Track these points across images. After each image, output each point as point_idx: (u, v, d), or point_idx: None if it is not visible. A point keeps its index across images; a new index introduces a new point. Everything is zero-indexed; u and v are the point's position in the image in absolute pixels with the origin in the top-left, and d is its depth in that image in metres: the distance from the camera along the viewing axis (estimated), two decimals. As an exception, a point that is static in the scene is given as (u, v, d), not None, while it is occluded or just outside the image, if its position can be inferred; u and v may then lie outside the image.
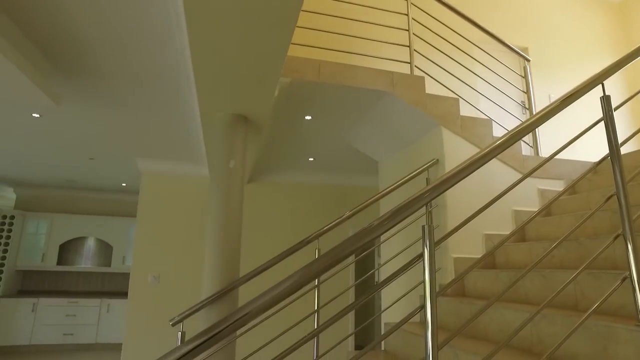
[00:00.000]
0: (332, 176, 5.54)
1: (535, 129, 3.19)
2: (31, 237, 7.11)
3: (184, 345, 1.27)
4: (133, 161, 5.06)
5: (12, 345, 6.42)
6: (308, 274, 1.43)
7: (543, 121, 1.61)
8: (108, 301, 6.80)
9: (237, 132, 2.72)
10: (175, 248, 4.99)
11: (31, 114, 3.59)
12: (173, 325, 2.38)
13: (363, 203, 2.94)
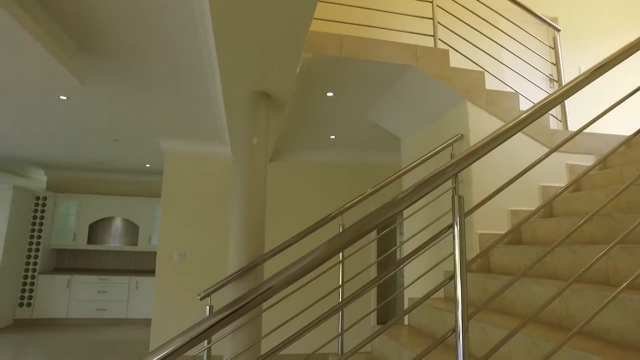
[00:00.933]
0: (353, 154, 5.51)
1: (564, 101, 3.09)
2: (62, 218, 7.38)
3: (212, 317, 1.30)
4: (156, 142, 5.14)
5: (51, 318, 6.77)
6: (333, 247, 1.44)
7: (572, 93, 1.55)
8: (136, 278, 7.04)
9: (260, 110, 2.72)
10: (199, 226, 5.10)
11: (59, 96, 3.67)
12: (201, 299, 2.45)
13: (385, 180, 2.93)
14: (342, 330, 2.61)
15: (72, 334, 6.16)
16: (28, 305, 6.77)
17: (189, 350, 1.31)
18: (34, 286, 6.83)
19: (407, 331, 2.58)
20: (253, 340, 2.51)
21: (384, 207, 1.40)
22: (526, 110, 1.47)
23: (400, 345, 2.19)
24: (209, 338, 2.33)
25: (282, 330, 2.33)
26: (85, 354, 5.13)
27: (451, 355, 1.93)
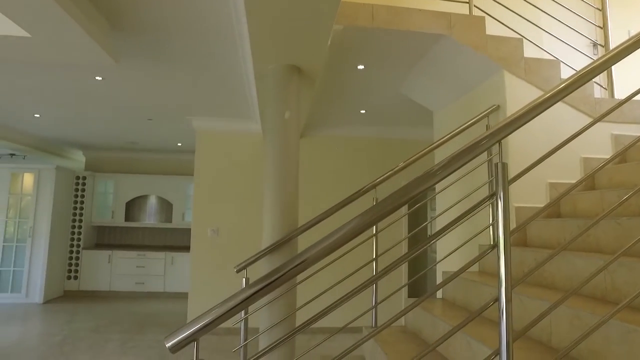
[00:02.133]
0: (384, 129, 5.44)
1: (610, 68, 2.92)
2: (101, 196, 7.70)
3: (248, 288, 1.33)
4: (188, 120, 5.22)
5: (96, 290, 7.16)
6: (367, 219, 1.43)
7: (620, 58, 1.45)
8: (172, 254, 7.30)
9: (290, 84, 2.70)
10: (231, 202, 5.20)
11: (94, 76, 3.77)
12: (237, 271, 2.52)
13: (418, 153, 2.88)
14: (376, 303, 2.63)
15: (115, 305, 6.50)
16: (75, 278, 7.17)
17: (227, 320, 1.35)
18: (79, 261, 7.21)
19: (441, 304, 2.58)
20: (288, 312, 2.57)
21: (421, 178, 1.38)
22: (568, 77, 1.39)
23: (435, 318, 2.19)
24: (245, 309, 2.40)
25: (315, 302, 2.37)
26: (129, 323, 5.41)
27: (488, 327, 1.92)
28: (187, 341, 1.10)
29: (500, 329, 1.10)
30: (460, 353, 1.87)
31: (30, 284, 6.49)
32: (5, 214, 6.63)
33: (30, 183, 6.73)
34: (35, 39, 2.41)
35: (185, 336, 1.11)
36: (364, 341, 1.50)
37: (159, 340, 4.65)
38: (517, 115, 1.28)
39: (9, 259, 6.55)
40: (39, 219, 6.63)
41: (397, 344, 2.30)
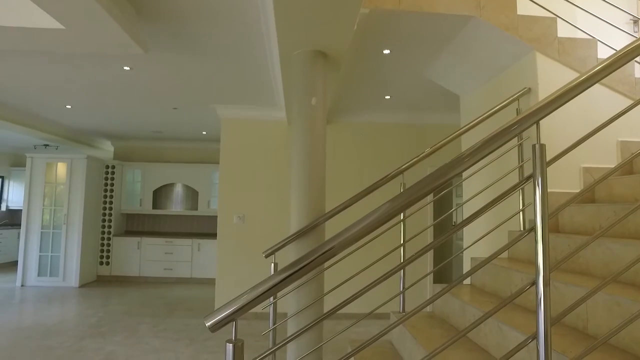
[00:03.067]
0: (409, 114, 5.36)
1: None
2: (129, 185, 7.91)
3: (276, 275, 1.34)
4: (212, 108, 5.27)
5: (126, 276, 7.41)
6: (396, 206, 1.43)
7: None
8: (198, 241, 7.46)
9: (317, 69, 2.69)
10: (256, 189, 5.26)
11: (122, 67, 3.84)
12: (266, 256, 2.56)
13: (445, 139, 2.83)
14: (404, 288, 2.63)
15: (145, 289, 6.71)
16: (107, 263, 7.43)
17: (259, 304, 1.37)
18: (110, 247, 7.46)
19: (469, 290, 2.56)
20: (315, 297, 2.60)
21: (451, 163, 1.36)
22: (609, 57, 1.33)
23: (464, 303, 2.17)
24: (274, 294, 2.44)
25: (341, 287, 2.39)
26: (159, 307, 5.59)
27: (518, 313, 1.90)
28: (227, 321, 1.13)
29: (538, 314, 1.09)
30: (490, 338, 1.86)
31: (67, 269, 6.77)
32: (42, 202, 6.90)
33: (63, 172, 6.97)
34: (69, 31, 2.47)
35: (224, 316, 1.14)
36: (395, 325, 1.50)
37: (188, 324, 4.79)
38: (557, 95, 1.24)
39: (46, 245, 6.84)
40: (72, 206, 6.88)
41: (425, 329, 2.30)
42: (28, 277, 6.77)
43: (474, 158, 1.29)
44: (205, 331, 4.54)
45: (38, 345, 3.98)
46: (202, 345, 4.06)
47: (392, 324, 1.50)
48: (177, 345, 4.03)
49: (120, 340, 4.14)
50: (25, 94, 4.91)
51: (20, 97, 5.06)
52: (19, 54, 3.59)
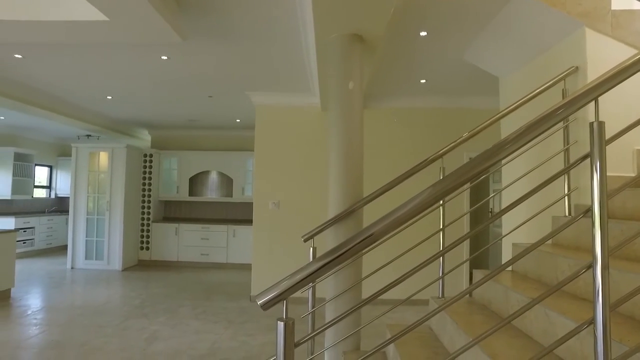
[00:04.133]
0: (445, 98, 5.23)
1: None
2: (166, 172, 8.16)
3: (317, 261, 1.34)
4: (247, 96, 5.32)
5: (165, 260, 7.70)
6: (438, 192, 1.40)
7: None
8: (233, 227, 7.63)
9: (353, 53, 2.66)
10: (291, 175, 5.31)
11: (160, 56, 3.93)
12: (305, 241, 2.59)
13: (484, 123, 2.75)
14: (444, 274, 2.61)
15: (183, 274, 6.95)
16: (147, 249, 7.73)
17: (297, 291, 1.38)
18: (150, 233, 7.75)
19: (510, 276, 2.50)
20: (353, 281, 2.61)
21: (496, 147, 1.32)
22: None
23: (507, 289, 2.13)
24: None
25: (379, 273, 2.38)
26: (198, 290, 5.78)
27: (565, 299, 1.84)
28: (278, 299, 1.15)
29: (596, 300, 1.05)
30: (536, 324, 1.81)
31: (111, 253, 7.10)
32: (86, 189, 7.23)
33: (105, 161, 7.25)
34: (113, 22, 2.54)
35: (276, 294, 1.16)
36: (440, 309, 1.49)
37: (225, 307, 4.92)
38: (620, 69, 1.16)
39: (92, 230, 7.18)
40: (114, 194, 7.17)
41: (466, 315, 2.27)
42: (77, 260, 7.15)
43: (528, 136, 1.24)
44: (242, 314, 4.67)
45: (90, 322, 4.22)
46: (240, 328, 4.17)
47: (437, 308, 1.49)
48: (216, 327, 4.17)
49: (163, 321, 4.31)
50: (69, 85, 5.12)
51: (64, 89, 5.28)
52: (63, 47, 3.74)
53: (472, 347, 1.35)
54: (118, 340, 3.72)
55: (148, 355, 3.40)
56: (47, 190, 9.55)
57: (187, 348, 3.57)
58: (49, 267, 7.25)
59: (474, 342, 1.30)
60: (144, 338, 3.80)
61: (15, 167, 8.03)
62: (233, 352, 3.50)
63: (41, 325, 4.18)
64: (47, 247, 8.67)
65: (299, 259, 5.12)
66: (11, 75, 4.71)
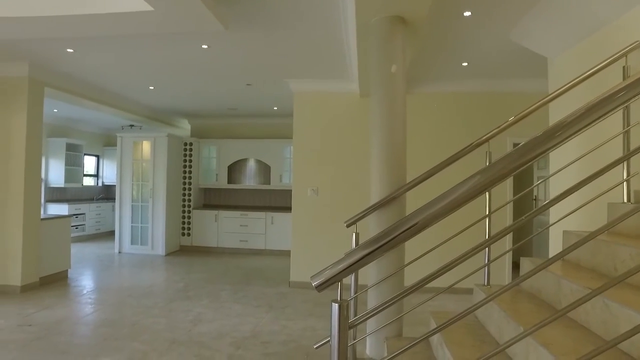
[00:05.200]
0: (488, 82, 5.03)
1: None
2: (206, 160, 8.36)
3: (369, 245, 1.33)
4: (285, 83, 5.34)
5: (206, 246, 7.94)
6: (487, 178, 1.35)
7: None
8: (271, 214, 7.75)
9: (396, 36, 2.60)
10: (329, 162, 5.31)
11: (201, 45, 3.99)
12: (348, 226, 2.58)
13: (531, 106, 2.62)
14: (489, 261, 2.54)
15: (223, 259, 7.15)
16: (188, 235, 8.00)
17: (340, 279, 1.37)
18: (191, 219, 8.00)
19: (561, 265, 2.40)
20: (395, 267, 2.59)
21: (551, 131, 1.25)
22: None
23: (560, 278, 2.04)
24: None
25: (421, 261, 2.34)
26: (237, 275, 5.94)
27: (626, 289, 1.75)
28: (333, 280, 1.16)
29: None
30: (593, 315, 1.73)
31: (154, 238, 7.40)
32: (131, 177, 7.54)
33: (147, 150, 7.52)
34: (157, 12, 2.60)
35: (331, 275, 1.16)
36: (492, 298, 1.45)
37: (265, 292, 5.03)
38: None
39: (137, 216, 7.50)
40: (156, 181, 7.43)
41: (513, 303, 2.21)
42: (123, 245, 7.50)
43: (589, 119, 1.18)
44: (282, 299, 4.76)
45: (138, 303, 4.43)
46: (281, 312, 4.26)
47: (490, 295, 1.45)
48: (257, 311, 4.27)
49: (206, 304, 4.46)
50: (114, 77, 5.32)
51: (110, 80, 5.49)
52: (109, 39, 3.87)
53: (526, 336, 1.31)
54: (165, 321, 3.88)
55: (194, 335, 3.54)
56: (94, 179, 10.03)
57: (230, 330, 3.68)
58: (98, 251, 7.66)
59: (530, 331, 1.26)
60: (188, 319, 3.95)
61: (67, 157, 8.47)
62: (274, 336, 3.58)
63: (95, 304, 4.43)
64: (96, 232, 9.15)
65: (338, 245, 5.14)
66: (64, 68, 4.94)
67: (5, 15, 2.95)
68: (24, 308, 4.22)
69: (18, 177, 4.81)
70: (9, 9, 2.94)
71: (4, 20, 3.03)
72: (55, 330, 3.61)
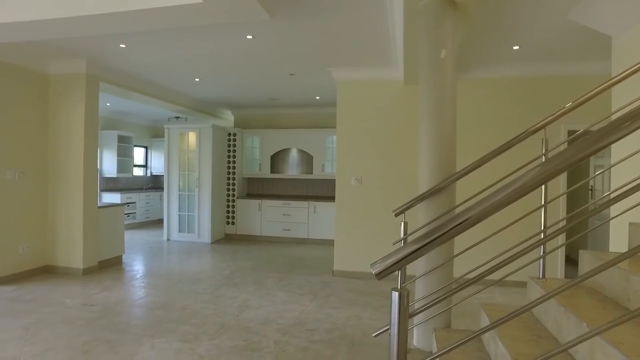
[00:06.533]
0: (541, 66, 4.76)
1: None
2: (249, 150, 8.52)
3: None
4: (328, 72, 5.31)
5: (250, 235, 8.13)
6: (550, 169, 1.27)
7: None
8: (314, 203, 7.79)
9: (446, 19, 2.51)
10: (373, 151, 5.25)
11: (246, 36, 4.03)
12: (396, 215, 2.54)
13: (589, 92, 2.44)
14: (545, 253, 2.42)
15: (267, 248, 7.29)
16: (232, 223, 8.21)
17: (402, 267, 1.34)
18: (235, 208, 8.20)
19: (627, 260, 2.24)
20: (444, 259, 2.53)
21: (625, 118, 1.15)
22: None
23: (628, 273, 1.91)
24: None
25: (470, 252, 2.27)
26: (281, 264, 6.03)
27: None
28: (394, 269, 1.14)
29: None
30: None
31: (200, 227, 7.65)
32: (178, 167, 7.81)
33: (193, 141, 7.75)
34: (206, 4, 2.64)
35: (391, 263, 1.14)
36: (556, 293, 1.37)
37: (309, 281, 5.08)
38: None
39: (184, 205, 7.79)
40: (202, 171, 7.66)
41: (573, 298, 2.09)
42: (171, 232, 7.82)
43: None
44: (326, 288, 4.79)
45: (187, 289, 4.61)
46: (325, 301, 4.29)
47: (552, 291, 1.37)
48: (302, 299, 4.32)
49: (252, 291, 4.57)
50: (162, 70, 5.49)
51: (157, 73, 5.67)
52: (156, 33, 3.98)
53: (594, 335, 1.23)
54: (213, 306, 4.02)
55: (241, 320, 3.64)
56: (143, 169, 10.48)
57: (276, 317, 3.75)
58: (148, 238, 8.03)
59: (602, 329, 1.18)
60: (236, 305, 4.06)
61: (119, 148, 8.89)
62: (319, 323, 3.61)
63: (147, 288, 4.65)
64: (145, 220, 9.58)
65: (382, 235, 5.12)
66: (117, 64, 5.17)
67: (65, 16, 3.10)
68: (87, 289, 4.52)
69: (78, 168, 5.11)
70: (68, 10, 3.09)
71: (64, 20, 3.19)
72: (114, 310, 3.84)
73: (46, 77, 5.17)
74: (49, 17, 3.11)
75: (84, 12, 3.07)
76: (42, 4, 3.14)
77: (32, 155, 5.04)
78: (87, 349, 3.00)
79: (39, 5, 3.14)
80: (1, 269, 4.67)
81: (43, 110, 5.15)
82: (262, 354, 2.98)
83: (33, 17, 3.14)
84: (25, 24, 3.23)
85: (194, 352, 2.97)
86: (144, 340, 3.16)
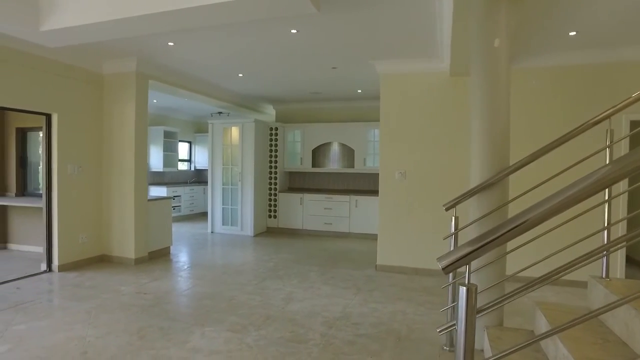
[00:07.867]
0: (601, 52, 4.45)
1: None
2: (291, 145, 8.59)
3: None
4: (371, 65, 5.24)
5: (291, 228, 8.23)
6: (622, 168, 1.18)
7: None
8: (355, 197, 7.77)
9: (499, 6, 2.40)
10: (417, 144, 5.15)
11: (290, 30, 4.05)
12: (447, 210, 2.48)
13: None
14: (608, 251, 2.29)
15: (308, 241, 7.35)
16: (274, 217, 8.34)
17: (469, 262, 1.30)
18: (277, 202, 8.32)
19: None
20: (497, 255, 2.45)
21: None
22: None
23: None
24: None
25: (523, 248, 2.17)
26: (324, 257, 6.07)
27: None
28: (462, 263, 1.11)
29: None
30: None
31: (243, 220, 7.83)
32: (221, 162, 8.01)
33: (236, 135, 7.91)
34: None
35: (460, 256, 1.11)
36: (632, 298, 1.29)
37: (352, 275, 5.08)
38: None
39: (227, 199, 7.99)
40: (245, 165, 7.82)
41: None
42: (215, 225, 8.05)
43: None
44: (370, 282, 4.77)
45: (233, 280, 4.74)
46: (369, 295, 4.27)
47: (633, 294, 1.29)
48: (346, 293, 4.33)
49: (296, 284, 4.63)
50: (206, 66, 5.63)
51: (202, 69, 5.82)
52: (202, 30, 4.07)
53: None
54: (259, 298, 4.10)
55: (286, 312, 3.69)
56: (187, 164, 10.84)
57: (321, 310, 3.78)
58: (193, 230, 8.30)
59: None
60: (281, 297, 4.13)
61: (165, 143, 9.24)
62: (364, 317, 3.61)
63: (195, 279, 4.82)
64: (190, 213, 9.92)
65: (427, 230, 5.04)
66: (165, 61, 5.35)
67: (120, 17, 3.24)
68: (139, 278, 4.74)
69: (129, 162, 5.37)
70: (123, 11, 3.22)
71: (117, 22, 3.33)
72: (165, 299, 4.01)
73: (100, 77, 5.44)
74: (106, 19, 3.26)
75: (137, 13, 3.19)
76: (98, 7, 3.29)
77: (88, 150, 5.33)
78: (142, 334, 3.16)
79: (96, 8, 3.29)
80: (65, 256, 5.02)
81: (98, 108, 5.43)
82: (309, 346, 3.01)
83: (92, 20, 3.30)
84: (84, 27, 3.40)
85: (242, 342, 3.05)
86: (194, 329, 3.28)
